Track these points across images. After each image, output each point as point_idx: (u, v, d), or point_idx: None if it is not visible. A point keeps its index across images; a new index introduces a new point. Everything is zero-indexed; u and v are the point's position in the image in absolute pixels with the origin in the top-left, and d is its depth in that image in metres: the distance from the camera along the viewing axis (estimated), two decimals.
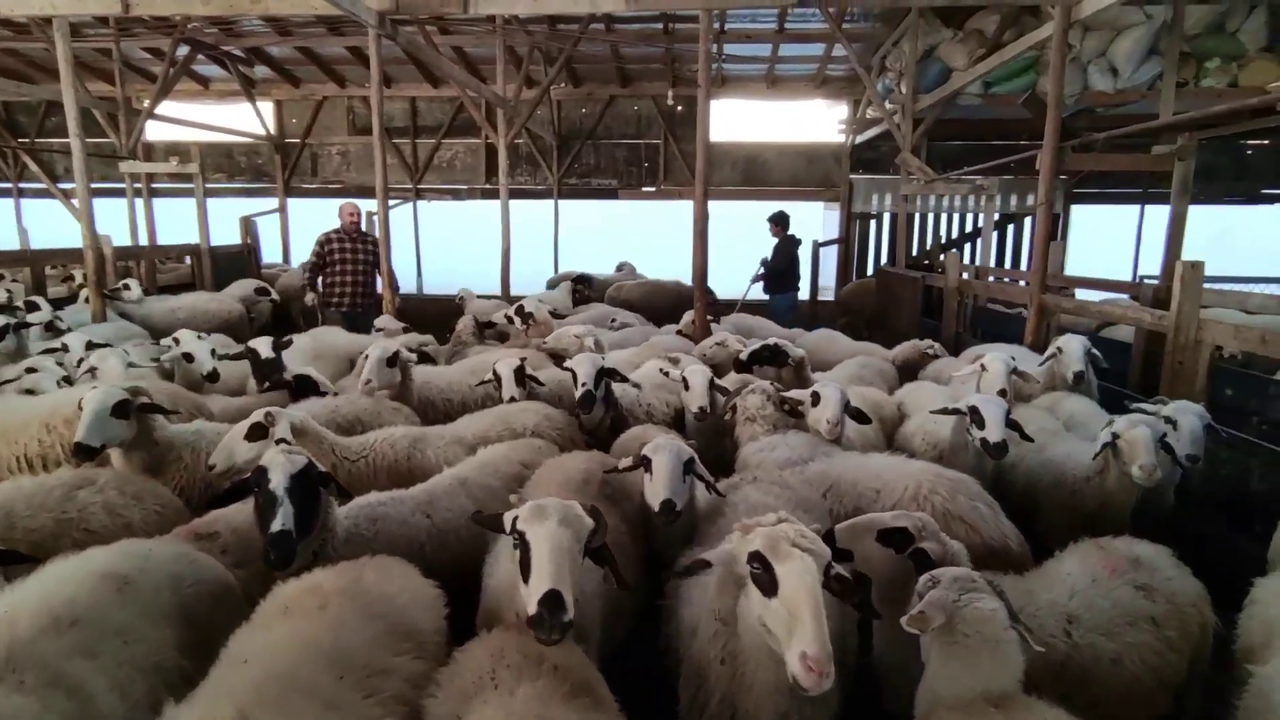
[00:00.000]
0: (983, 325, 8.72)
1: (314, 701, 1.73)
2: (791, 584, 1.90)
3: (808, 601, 1.85)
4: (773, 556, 1.96)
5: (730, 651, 2.14)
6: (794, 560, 1.93)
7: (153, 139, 14.88)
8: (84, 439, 3.40)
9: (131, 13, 7.04)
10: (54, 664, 1.89)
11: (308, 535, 2.57)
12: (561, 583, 1.94)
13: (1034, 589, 2.65)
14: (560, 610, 1.89)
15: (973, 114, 11.50)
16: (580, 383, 4.51)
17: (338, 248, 8.34)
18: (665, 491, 2.90)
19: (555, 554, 2.00)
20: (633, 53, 13.15)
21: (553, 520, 2.08)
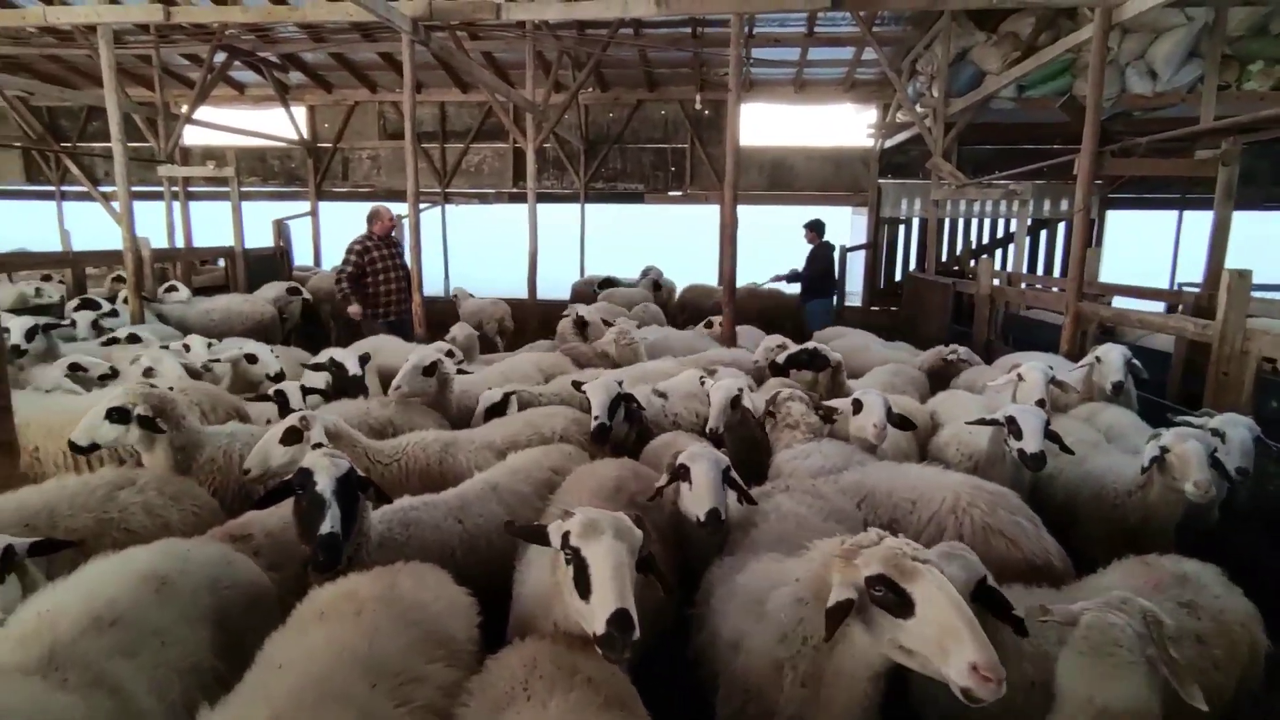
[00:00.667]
0: (1015, 333, 8.56)
1: (348, 709, 1.72)
2: (933, 600, 1.83)
3: (958, 613, 1.79)
4: (900, 576, 1.88)
5: (811, 674, 2.08)
6: (927, 576, 1.86)
7: (190, 143, 15.21)
8: (74, 438, 3.50)
9: (173, 20, 7.19)
10: (95, 663, 1.92)
11: (349, 539, 2.59)
12: (627, 601, 1.91)
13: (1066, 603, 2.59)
14: (630, 629, 1.86)
15: (1006, 118, 11.33)
16: (594, 415, 4.24)
17: (378, 255, 8.03)
18: (711, 500, 2.85)
19: (618, 571, 1.96)
20: (660, 57, 13.16)
21: (609, 535, 2.04)
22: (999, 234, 13.71)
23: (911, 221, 14.15)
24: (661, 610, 2.67)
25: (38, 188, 16.18)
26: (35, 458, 4.01)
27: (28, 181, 16.18)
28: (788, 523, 2.96)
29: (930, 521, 3.15)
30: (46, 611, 2.03)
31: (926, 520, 3.16)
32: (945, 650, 1.77)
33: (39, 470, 4.00)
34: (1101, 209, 13.15)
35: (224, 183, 11.62)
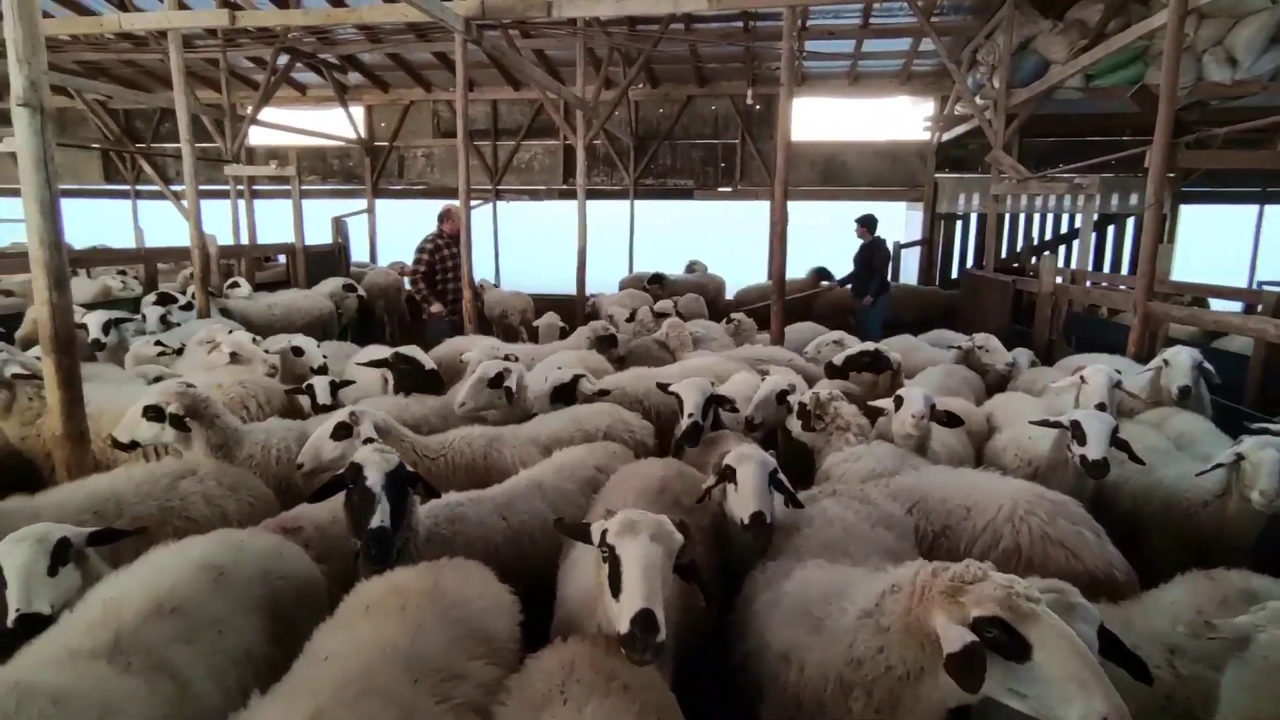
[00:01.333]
0: (1079, 333, 8.23)
1: (389, 704, 1.74)
2: (1055, 647, 1.71)
3: (1084, 663, 1.68)
4: (1016, 619, 1.76)
5: (887, 702, 1.98)
6: (1045, 620, 1.75)
7: (254, 143, 15.74)
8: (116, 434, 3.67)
9: (238, 24, 7.43)
10: (157, 649, 1.99)
11: (398, 533, 2.62)
12: (654, 602, 1.89)
13: (1132, 617, 2.47)
14: (653, 631, 1.84)
15: (1071, 109, 10.89)
16: (687, 413, 4.06)
17: (448, 254, 8.14)
18: (756, 503, 2.81)
19: (648, 572, 1.95)
20: (711, 52, 13.06)
21: (645, 536, 2.02)
22: (1062, 230, 13.21)
23: (969, 217, 13.74)
24: (698, 616, 2.64)
25: (114, 187, 16.99)
26: (107, 445, 4.21)
27: (105, 181, 17.00)
28: (834, 528, 2.89)
29: (985, 529, 3.04)
30: (111, 599, 2.12)
31: (981, 528, 3.05)
32: (1068, 699, 1.67)
33: (111, 457, 4.19)
34: (1175, 203, 12.51)
35: (286, 181, 11.99)
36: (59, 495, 3.04)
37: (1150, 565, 3.15)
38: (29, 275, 8.73)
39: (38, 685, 1.74)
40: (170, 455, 3.76)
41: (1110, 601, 2.60)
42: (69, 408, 3.30)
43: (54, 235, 3.20)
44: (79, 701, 1.74)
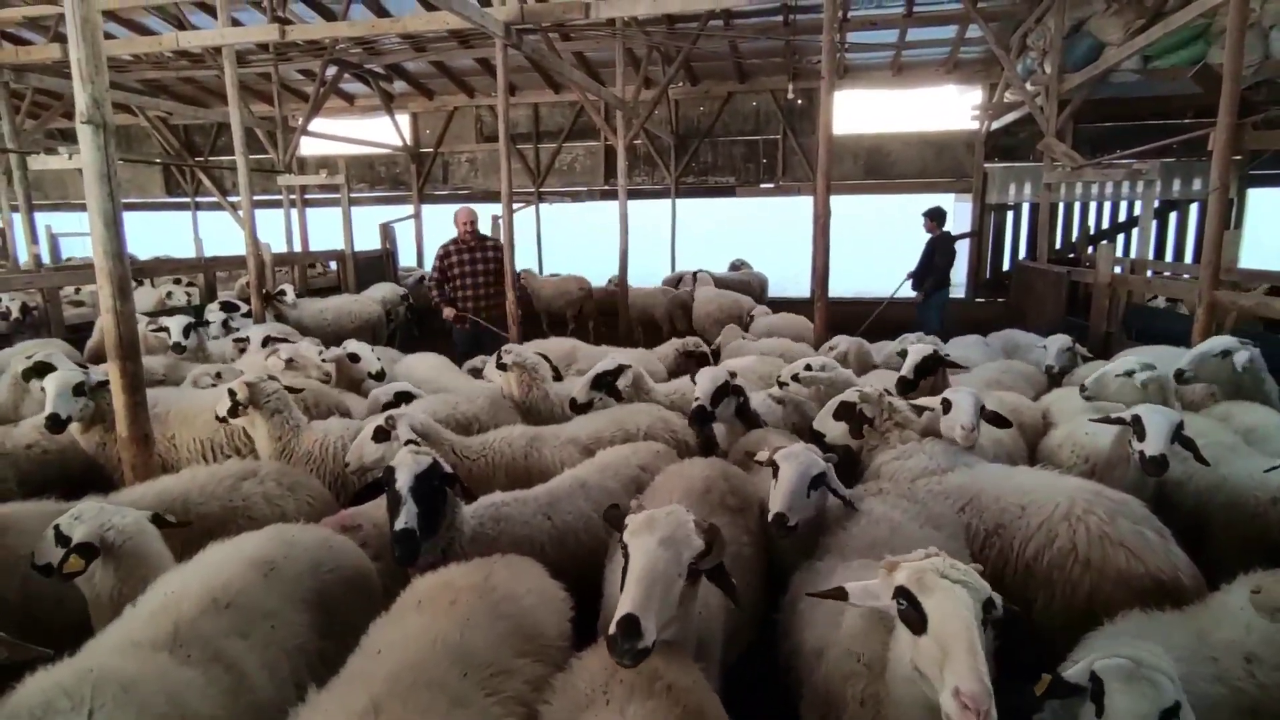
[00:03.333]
0: (1139, 325, 7.91)
1: (440, 696, 1.78)
2: (940, 615, 1.76)
3: (959, 632, 1.71)
4: (919, 590, 1.82)
5: (872, 695, 2.02)
6: (942, 591, 1.80)
7: (304, 153, 16.21)
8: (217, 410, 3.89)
9: (288, 38, 7.65)
10: (214, 642, 2.07)
11: (433, 534, 2.66)
12: (643, 608, 1.84)
13: (1204, 626, 2.34)
14: (634, 637, 1.80)
15: (1128, 91, 10.46)
16: (695, 397, 4.18)
17: (456, 260, 7.48)
18: (780, 504, 2.81)
19: (645, 576, 1.91)
20: (751, 47, 12.94)
21: (654, 538, 1.98)
22: (1120, 218, 12.71)
23: (1021, 207, 13.34)
24: (745, 615, 2.62)
25: (175, 199, 17.71)
26: (172, 444, 4.40)
27: (167, 194, 17.74)
28: (880, 528, 2.84)
29: (1040, 528, 2.94)
30: (171, 593, 2.21)
31: (1036, 527, 2.95)
32: (943, 671, 1.68)
33: (175, 456, 4.38)
34: (1241, 187, 11.93)
35: (335, 189, 12.33)
36: (131, 495, 3.19)
37: (1217, 567, 3.00)
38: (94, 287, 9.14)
39: (110, 673, 1.82)
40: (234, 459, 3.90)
41: (1174, 606, 2.49)
42: (134, 411, 3.44)
43: (117, 246, 3.34)
44: (146, 689, 1.82)
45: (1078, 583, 2.77)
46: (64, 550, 2.44)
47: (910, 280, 10.17)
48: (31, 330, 8.13)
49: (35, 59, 9.14)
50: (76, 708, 1.72)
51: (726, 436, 4.34)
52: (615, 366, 4.65)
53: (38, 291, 8.26)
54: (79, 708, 1.72)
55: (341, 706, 1.72)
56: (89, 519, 2.53)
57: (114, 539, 2.51)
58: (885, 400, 3.97)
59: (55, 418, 3.95)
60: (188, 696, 1.88)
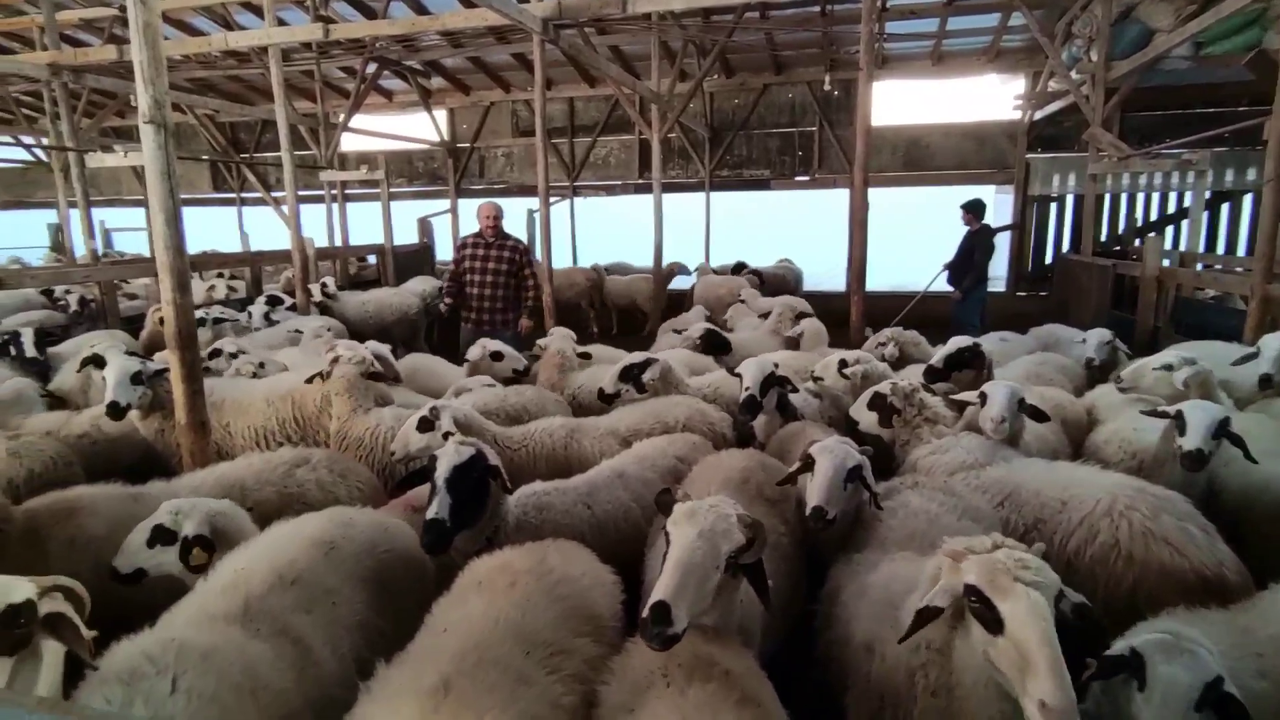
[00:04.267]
0: (1188, 319, 7.71)
1: (506, 674, 1.84)
2: (1019, 623, 1.74)
3: (1041, 644, 1.69)
4: (992, 592, 1.81)
5: (944, 684, 2.01)
6: (1019, 598, 1.77)
7: (345, 149, 16.53)
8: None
9: (331, 36, 7.82)
10: (281, 617, 2.18)
11: (468, 525, 2.71)
12: (675, 596, 1.88)
13: (1251, 623, 2.31)
14: (664, 622, 1.84)
15: (1178, 79, 10.15)
16: (745, 387, 4.24)
17: (471, 254, 7.07)
18: (818, 498, 2.84)
19: (680, 565, 1.95)
20: (787, 39, 12.85)
21: (694, 530, 2.02)
22: (1169, 210, 12.36)
23: (1064, 199, 13.04)
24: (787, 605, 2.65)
25: (222, 195, 18.20)
26: (227, 432, 4.57)
27: (214, 190, 18.23)
28: (918, 520, 2.86)
29: (1081, 524, 2.92)
30: (241, 569, 2.33)
31: (1077, 523, 2.94)
32: (1024, 678, 1.69)
33: (229, 444, 4.55)
34: None
35: (375, 184, 12.57)
36: (193, 480, 3.37)
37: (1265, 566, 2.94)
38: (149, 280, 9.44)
39: (190, 643, 1.94)
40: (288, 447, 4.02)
41: (1220, 605, 2.45)
42: (192, 399, 3.60)
43: (177, 240, 3.49)
44: (224, 659, 1.93)
45: (1120, 578, 2.76)
46: (177, 546, 2.61)
47: (947, 274, 10.00)
48: (89, 322, 8.47)
49: (93, 60, 9.47)
50: (161, 674, 1.83)
51: (764, 428, 4.37)
52: (644, 360, 4.70)
53: (95, 285, 8.59)
54: (163, 674, 1.83)
55: (414, 682, 1.79)
56: (192, 512, 2.66)
57: (224, 525, 2.68)
58: (917, 395, 3.96)
59: (115, 405, 4.11)
60: (260, 668, 1.99)
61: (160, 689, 1.80)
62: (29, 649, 1.85)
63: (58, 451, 3.97)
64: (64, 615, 1.91)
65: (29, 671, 1.85)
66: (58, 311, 8.74)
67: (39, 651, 1.86)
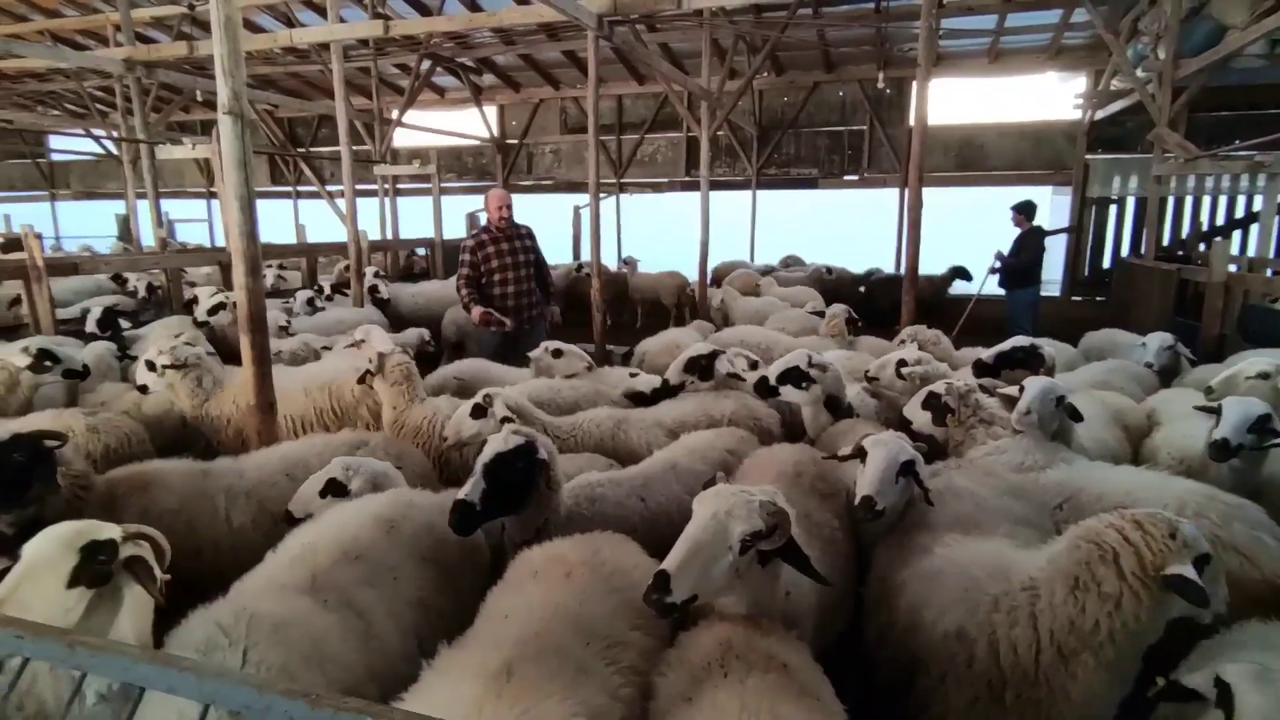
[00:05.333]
0: (1256, 326, 7.41)
1: (567, 663, 1.86)
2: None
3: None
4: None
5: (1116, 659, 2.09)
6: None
7: (397, 145, 16.90)
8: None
9: (390, 33, 8.02)
10: (347, 589, 2.26)
11: (505, 513, 2.72)
12: (679, 568, 1.95)
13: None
14: (662, 589, 1.92)
15: (1250, 78, 9.79)
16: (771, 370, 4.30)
17: (493, 250, 6.37)
18: (868, 487, 2.81)
19: (688, 540, 2.02)
20: (840, 36, 12.71)
21: (710, 509, 2.07)
22: (1238, 214, 11.88)
23: (1125, 202, 12.64)
24: (840, 597, 2.64)
25: (279, 188, 18.75)
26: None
27: (271, 183, 18.80)
28: (963, 502, 2.83)
29: None
30: (308, 542, 2.42)
31: None
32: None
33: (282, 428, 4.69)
34: None
35: (426, 179, 12.82)
36: (259, 458, 3.48)
37: None
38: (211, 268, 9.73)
39: (262, 613, 2.01)
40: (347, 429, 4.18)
41: None
42: (260, 381, 3.73)
43: (250, 227, 3.63)
44: (294, 631, 2.00)
45: None
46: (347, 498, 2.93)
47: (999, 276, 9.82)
48: (156, 308, 8.83)
49: (166, 56, 9.86)
50: (234, 644, 1.90)
51: (813, 424, 4.35)
52: (710, 350, 4.67)
53: (162, 272, 8.95)
54: (235, 645, 1.90)
55: (479, 665, 1.82)
56: (360, 469, 3.06)
57: (383, 484, 3.01)
58: (972, 395, 3.90)
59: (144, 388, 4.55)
60: (328, 639, 2.05)
61: (232, 660, 1.87)
62: (109, 587, 1.93)
63: (133, 429, 4.15)
64: (144, 560, 1.99)
65: (106, 609, 1.93)
66: (127, 297, 9.12)
67: (120, 595, 1.95)
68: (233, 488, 3.24)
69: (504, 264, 6.37)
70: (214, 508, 3.17)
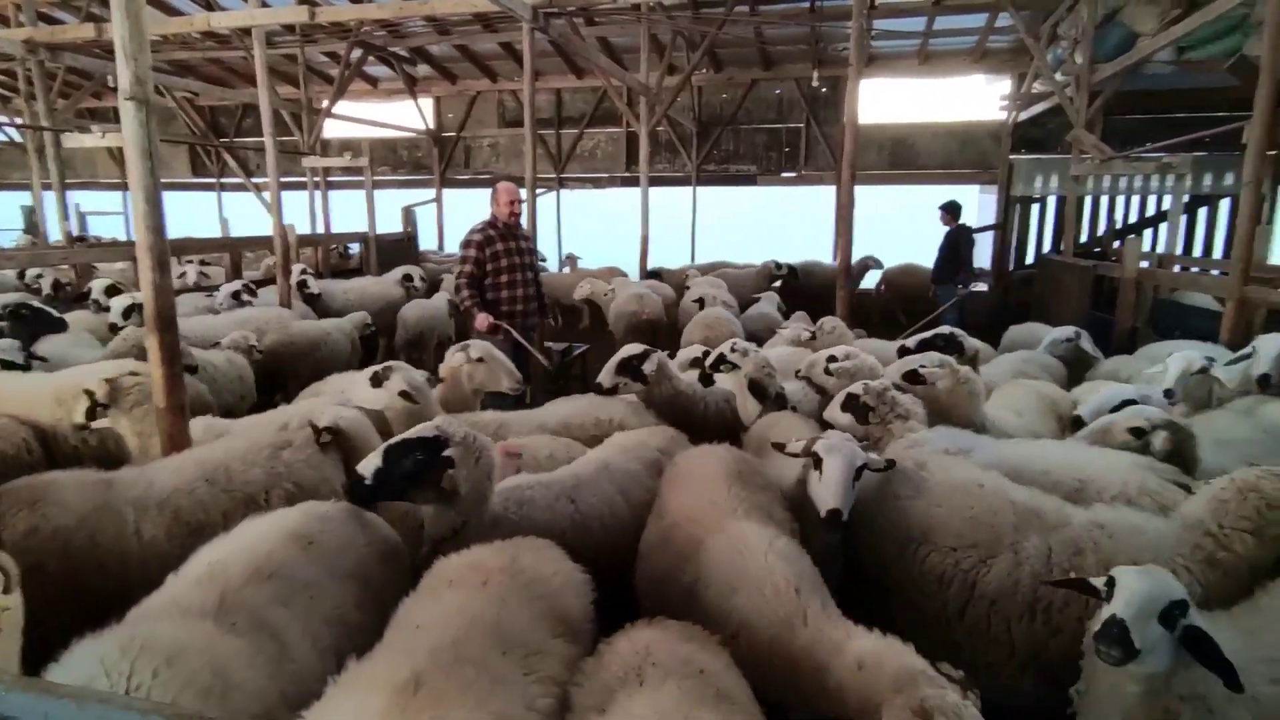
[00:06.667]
0: (1166, 320, 7.83)
1: (482, 674, 1.80)
2: None
3: None
4: None
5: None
6: None
7: (328, 136, 16.32)
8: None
9: (316, 19, 7.71)
10: (259, 611, 2.12)
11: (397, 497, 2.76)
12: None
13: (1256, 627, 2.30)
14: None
15: (1160, 83, 10.26)
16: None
17: (502, 249, 5.77)
18: (834, 500, 2.78)
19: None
20: (776, 34, 12.85)
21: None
22: (1149, 213, 12.53)
23: (1047, 200, 13.17)
24: None
25: (201, 180, 17.91)
26: None
27: (192, 175, 17.94)
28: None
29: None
30: (216, 560, 2.27)
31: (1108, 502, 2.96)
32: None
33: None
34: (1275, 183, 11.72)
35: (359, 172, 12.44)
36: (172, 463, 3.23)
37: None
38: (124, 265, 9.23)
39: (154, 644, 1.83)
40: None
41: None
42: (171, 382, 3.51)
43: (157, 221, 3.40)
44: (191, 662, 1.84)
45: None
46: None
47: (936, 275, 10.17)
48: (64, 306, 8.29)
49: (69, 38, 9.26)
50: (116, 683, 1.71)
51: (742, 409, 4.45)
52: (642, 351, 4.54)
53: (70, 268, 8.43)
54: (118, 683, 1.71)
55: (385, 677, 1.74)
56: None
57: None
58: (888, 393, 3.97)
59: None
60: (234, 666, 1.91)
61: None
62: None
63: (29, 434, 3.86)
64: None
65: None
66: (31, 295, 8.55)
67: None
68: (142, 499, 3.00)
69: (513, 264, 5.82)
70: (121, 521, 2.92)
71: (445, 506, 2.77)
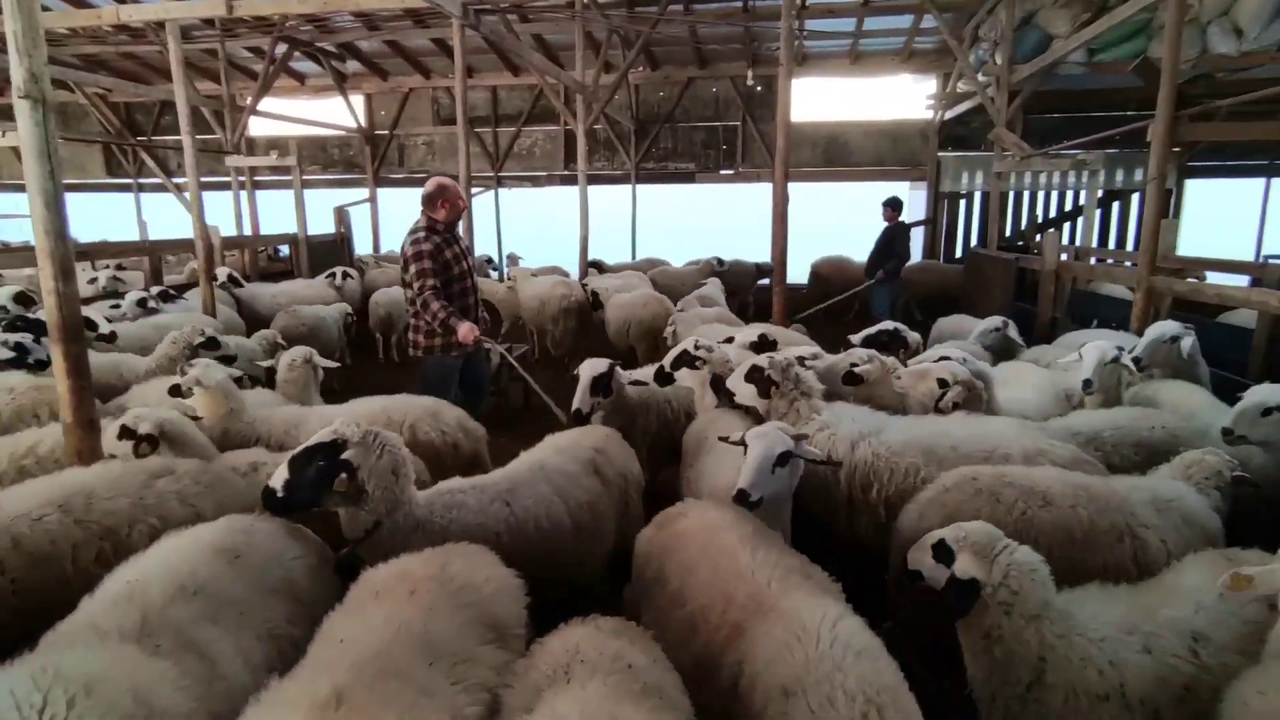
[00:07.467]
0: (1083, 310, 8.22)
1: (407, 686, 1.77)
2: None
3: None
4: None
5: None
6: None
7: (255, 134, 15.73)
8: None
9: (235, 13, 7.41)
10: (185, 630, 2.03)
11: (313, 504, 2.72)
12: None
13: (1151, 604, 2.45)
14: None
15: (1074, 84, 10.79)
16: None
17: (450, 256, 5.14)
18: (743, 481, 2.93)
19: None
20: (711, 33, 12.95)
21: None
22: (1066, 207, 13.14)
23: (973, 196, 13.66)
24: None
25: (117, 180, 17.01)
26: None
27: (108, 175, 17.02)
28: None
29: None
30: (136, 580, 2.15)
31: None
32: None
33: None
34: (1180, 178, 12.44)
35: (287, 171, 12.00)
36: (29, 488, 2.88)
37: None
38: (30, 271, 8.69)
39: (70, 673, 1.72)
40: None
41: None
42: (79, 395, 3.33)
43: (58, 225, 3.22)
44: (112, 689, 1.74)
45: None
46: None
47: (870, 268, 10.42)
48: None
49: None
50: (27, 719, 1.61)
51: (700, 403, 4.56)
52: (607, 368, 4.38)
53: None
54: (29, 718, 1.61)
55: (305, 694, 1.69)
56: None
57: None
58: (793, 369, 4.04)
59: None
60: (158, 691, 1.82)
61: None
62: None
63: None
64: None
65: None
66: None
67: None
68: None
69: (462, 270, 5.21)
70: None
71: (356, 507, 2.76)
